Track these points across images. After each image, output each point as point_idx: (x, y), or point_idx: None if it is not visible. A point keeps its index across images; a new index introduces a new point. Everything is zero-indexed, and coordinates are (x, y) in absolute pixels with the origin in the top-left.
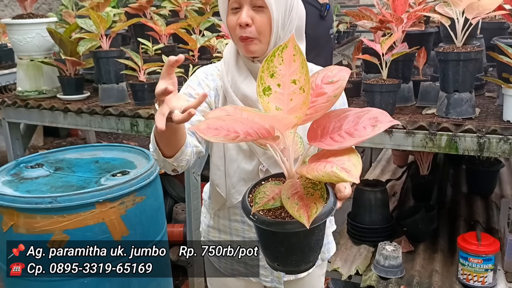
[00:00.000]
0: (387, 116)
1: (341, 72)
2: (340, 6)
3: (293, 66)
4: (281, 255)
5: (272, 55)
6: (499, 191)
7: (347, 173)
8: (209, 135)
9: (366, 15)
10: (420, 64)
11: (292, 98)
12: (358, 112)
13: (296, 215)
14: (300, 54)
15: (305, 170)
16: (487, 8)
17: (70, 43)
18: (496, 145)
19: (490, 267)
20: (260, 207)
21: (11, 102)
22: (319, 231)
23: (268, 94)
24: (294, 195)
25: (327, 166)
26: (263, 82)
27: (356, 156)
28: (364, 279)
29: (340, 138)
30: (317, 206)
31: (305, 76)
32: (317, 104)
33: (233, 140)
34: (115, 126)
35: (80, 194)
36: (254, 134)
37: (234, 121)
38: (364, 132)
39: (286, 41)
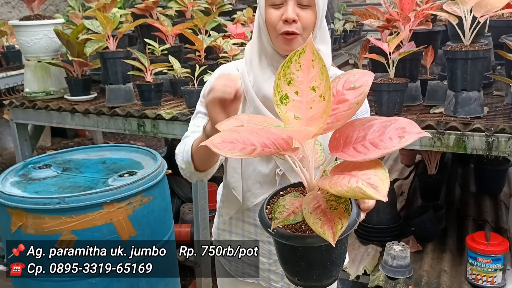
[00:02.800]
0: (415, 126)
1: (364, 76)
2: (347, 5)
3: (312, 72)
4: (302, 270)
5: (289, 61)
6: (508, 190)
7: (374, 189)
8: (225, 150)
9: (373, 14)
10: (428, 63)
11: (312, 106)
12: (384, 121)
13: (320, 232)
14: (319, 59)
15: (328, 185)
16: (495, 6)
17: (77, 44)
18: (505, 144)
19: (499, 267)
20: (280, 222)
21: (19, 103)
22: (342, 245)
23: (285, 103)
24: (316, 209)
25: (352, 181)
26: (280, 90)
27: (383, 170)
28: (372, 279)
29: (364, 149)
30: (342, 222)
31: (325, 82)
32: (339, 112)
33: (250, 155)
34: (122, 127)
35: (88, 194)
36: (272, 146)
37: (250, 132)
38: (390, 143)
39: (304, 45)
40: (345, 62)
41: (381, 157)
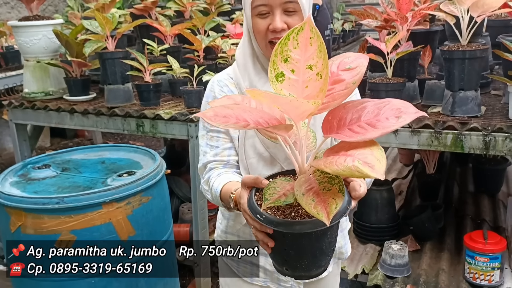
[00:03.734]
0: (411, 107)
1: (358, 58)
2: (345, 5)
3: (310, 50)
4: (290, 258)
5: (286, 38)
6: (506, 189)
7: (371, 168)
8: (218, 122)
9: (371, 14)
10: (425, 62)
11: (308, 85)
12: (377, 103)
13: (314, 212)
14: (317, 36)
15: (323, 164)
16: (492, 6)
17: (76, 44)
18: (502, 143)
19: (497, 266)
20: (271, 203)
21: (18, 104)
22: (332, 233)
23: (281, 81)
24: (309, 191)
25: (348, 160)
26: (276, 67)
27: (379, 150)
28: (370, 278)
29: (361, 129)
30: (336, 202)
31: (323, 60)
32: (335, 92)
33: (244, 127)
34: (121, 127)
35: (87, 194)
36: (264, 124)
37: (243, 110)
38: (388, 123)
39: (302, 23)
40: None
41: (380, 137)
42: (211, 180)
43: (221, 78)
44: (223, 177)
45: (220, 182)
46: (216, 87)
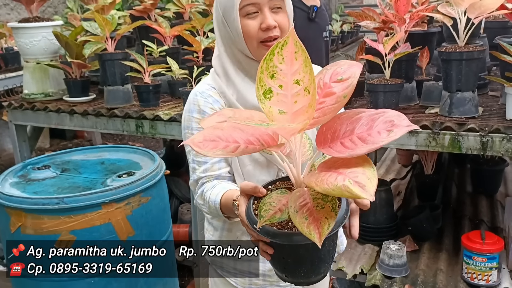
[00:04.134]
0: (404, 119)
1: (351, 68)
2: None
3: (295, 64)
4: (289, 266)
5: (271, 53)
6: (504, 190)
7: (361, 188)
8: (206, 149)
9: (369, 16)
10: (423, 64)
11: (296, 100)
12: (372, 114)
13: (306, 232)
14: (302, 50)
15: (314, 182)
16: (489, 7)
17: (76, 45)
18: (499, 144)
19: (495, 266)
20: (266, 221)
21: (18, 105)
22: (330, 242)
23: (269, 98)
24: (302, 208)
25: (339, 179)
26: (263, 84)
27: (371, 169)
28: (369, 278)
29: (351, 144)
30: (328, 222)
31: (309, 75)
32: (325, 106)
33: (233, 153)
34: (120, 128)
35: (87, 195)
36: (256, 142)
37: (233, 128)
38: (378, 138)
39: (285, 36)
40: None
41: (368, 152)
42: (206, 194)
43: (203, 89)
44: (218, 188)
45: (218, 193)
46: (200, 100)
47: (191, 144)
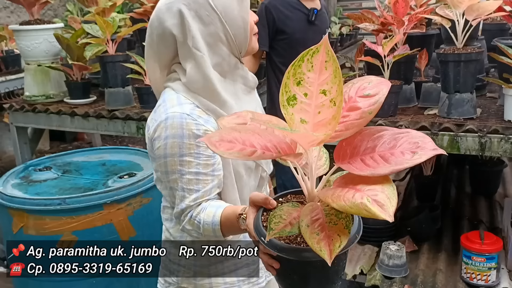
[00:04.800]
0: (429, 142)
1: (380, 84)
2: (343, 9)
3: (324, 74)
4: (295, 283)
5: (300, 60)
6: (502, 191)
7: (380, 207)
8: (222, 149)
9: (368, 18)
10: (422, 65)
11: (320, 111)
12: (395, 133)
13: (316, 248)
14: (333, 61)
15: (330, 198)
16: (487, 9)
17: (77, 48)
18: (497, 145)
19: (494, 266)
20: (276, 234)
21: (19, 107)
22: (339, 261)
23: (292, 104)
24: (314, 223)
25: (356, 196)
26: (288, 90)
27: (391, 187)
28: (368, 279)
29: (373, 162)
30: (341, 240)
31: (337, 87)
32: (349, 121)
33: (249, 157)
34: (121, 129)
35: (88, 195)
36: (273, 149)
37: (251, 132)
38: (402, 159)
39: (318, 44)
40: (342, 65)
41: (392, 173)
42: (198, 217)
43: (188, 110)
44: (211, 208)
45: (214, 213)
46: (190, 123)
47: (207, 142)
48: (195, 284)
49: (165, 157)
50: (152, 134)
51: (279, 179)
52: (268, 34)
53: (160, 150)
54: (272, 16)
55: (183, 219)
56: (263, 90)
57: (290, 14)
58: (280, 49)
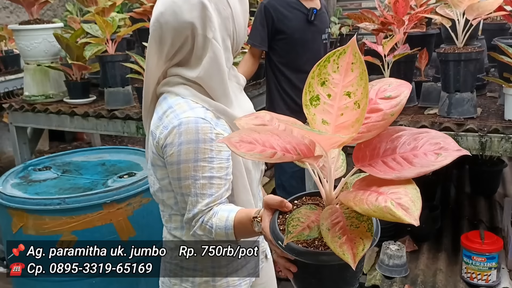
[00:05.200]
0: (452, 142)
1: (400, 86)
2: (343, 9)
3: (350, 76)
4: (312, 286)
5: (326, 60)
6: (502, 190)
7: (404, 211)
8: (243, 150)
9: (368, 17)
10: (422, 65)
11: (344, 113)
12: (414, 133)
13: (339, 252)
14: (360, 63)
15: (352, 201)
16: (487, 9)
17: (76, 48)
18: (497, 144)
19: (494, 265)
20: (294, 237)
21: (18, 107)
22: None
23: (315, 105)
24: (335, 226)
25: (380, 199)
26: (312, 89)
27: (414, 190)
28: (368, 279)
29: (396, 164)
30: (364, 243)
31: (363, 89)
32: (370, 122)
33: (270, 158)
34: (121, 129)
35: (88, 195)
36: (293, 151)
37: (270, 133)
38: (426, 160)
39: (346, 45)
40: None
41: (418, 176)
42: (209, 222)
43: (201, 114)
44: (223, 212)
45: (227, 217)
46: (205, 127)
47: (228, 143)
48: (213, 286)
49: (178, 164)
50: (163, 141)
51: (278, 179)
52: (267, 34)
53: (173, 157)
54: (271, 16)
55: (194, 225)
56: (263, 90)
57: (289, 14)
58: (279, 49)
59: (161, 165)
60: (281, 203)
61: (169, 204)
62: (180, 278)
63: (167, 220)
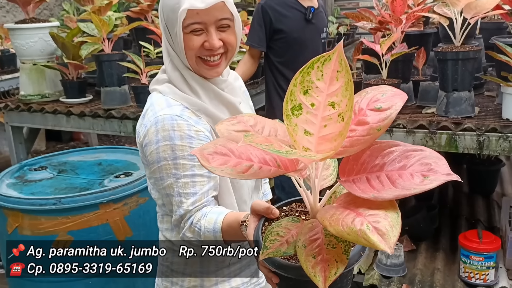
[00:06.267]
0: (443, 165)
1: (394, 97)
2: (340, 9)
3: (335, 85)
4: None
5: (310, 67)
6: (500, 190)
7: (380, 236)
8: (214, 164)
9: (365, 17)
10: (420, 64)
11: (327, 124)
12: (407, 150)
13: (311, 273)
14: (346, 71)
15: (328, 220)
16: (485, 7)
17: (73, 47)
18: (495, 143)
19: (492, 265)
20: (270, 254)
21: (14, 106)
22: (344, 278)
23: (297, 115)
24: (312, 243)
25: (356, 222)
26: (294, 98)
27: (395, 214)
28: (366, 278)
29: (377, 183)
30: (337, 266)
31: (347, 100)
32: (355, 137)
33: (243, 174)
34: (117, 129)
35: (84, 195)
36: (272, 163)
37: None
38: (410, 182)
39: (331, 51)
40: None
41: (396, 198)
42: (198, 224)
43: (177, 111)
44: (212, 214)
45: (216, 220)
46: (182, 124)
47: (199, 156)
48: None
49: (158, 162)
50: (142, 139)
51: (276, 179)
52: (266, 34)
53: (153, 155)
54: (269, 16)
55: (183, 226)
56: (261, 89)
57: (287, 13)
58: (277, 49)
59: (146, 164)
60: (267, 209)
61: (160, 204)
62: (171, 280)
63: (160, 220)
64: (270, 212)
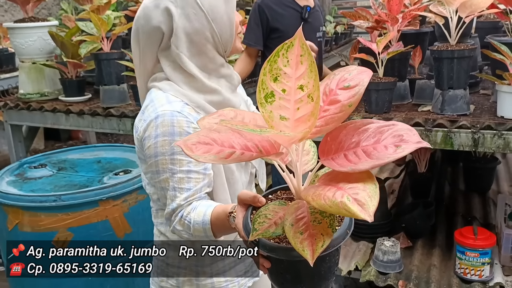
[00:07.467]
0: (414, 134)
1: (360, 74)
2: (337, 8)
3: (300, 69)
4: (287, 282)
5: (276, 55)
6: (496, 187)
7: (360, 206)
8: (198, 153)
9: (362, 16)
10: (416, 63)
11: (299, 107)
12: (381, 126)
13: (299, 248)
14: (308, 54)
15: (311, 196)
16: (480, 6)
17: (72, 45)
18: (490, 141)
19: (487, 261)
20: (259, 234)
21: (14, 105)
22: (331, 257)
23: (271, 102)
24: (298, 221)
25: (337, 194)
26: (265, 86)
27: (373, 185)
28: (363, 274)
29: (354, 157)
30: (324, 239)
31: (313, 81)
32: (329, 115)
33: (226, 159)
34: (116, 127)
35: (84, 192)
36: (254, 149)
37: (232, 132)
38: (384, 153)
39: (292, 38)
40: (337, 63)
41: (372, 168)
42: (188, 217)
43: (177, 108)
44: (201, 207)
45: (205, 212)
46: (181, 120)
47: (183, 146)
48: (197, 285)
49: (155, 156)
50: (142, 134)
51: (274, 177)
52: (262, 33)
53: (151, 149)
54: (265, 15)
55: (173, 220)
56: None
57: (283, 12)
58: (274, 47)
59: (143, 158)
60: (254, 198)
61: (154, 199)
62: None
63: (155, 215)
64: (257, 200)
